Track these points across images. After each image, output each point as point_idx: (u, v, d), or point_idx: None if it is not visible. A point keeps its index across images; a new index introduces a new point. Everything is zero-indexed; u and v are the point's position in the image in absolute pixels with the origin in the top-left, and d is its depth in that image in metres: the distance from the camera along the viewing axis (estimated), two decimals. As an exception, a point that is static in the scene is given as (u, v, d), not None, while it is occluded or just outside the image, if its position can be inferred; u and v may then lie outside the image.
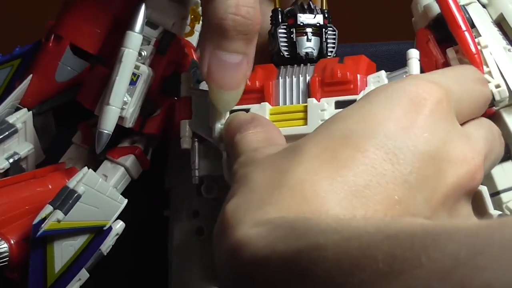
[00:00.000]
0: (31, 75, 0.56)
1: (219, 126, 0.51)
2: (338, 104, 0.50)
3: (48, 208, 0.50)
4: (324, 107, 0.50)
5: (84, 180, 0.51)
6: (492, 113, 0.51)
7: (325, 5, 0.54)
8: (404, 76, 0.50)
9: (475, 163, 0.44)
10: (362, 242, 0.34)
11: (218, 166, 0.51)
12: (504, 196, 0.51)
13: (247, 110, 0.51)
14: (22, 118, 0.55)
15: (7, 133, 0.54)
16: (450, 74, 0.48)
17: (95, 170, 0.53)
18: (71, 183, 0.51)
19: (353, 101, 0.49)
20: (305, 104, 0.50)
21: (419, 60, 0.51)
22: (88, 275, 0.52)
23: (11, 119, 0.55)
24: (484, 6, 0.53)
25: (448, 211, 0.43)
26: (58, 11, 0.56)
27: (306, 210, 0.39)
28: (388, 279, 0.32)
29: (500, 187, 0.51)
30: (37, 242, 0.50)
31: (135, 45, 0.52)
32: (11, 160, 0.54)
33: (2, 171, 0.54)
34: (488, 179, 0.50)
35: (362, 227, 0.36)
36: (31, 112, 0.55)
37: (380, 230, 0.35)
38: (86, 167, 0.52)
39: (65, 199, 0.50)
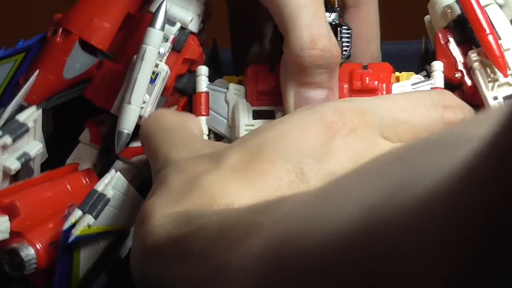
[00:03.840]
0: (37, 71, 0.53)
1: (243, 126, 0.51)
2: None
3: (78, 213, 0.48)
4: None
5: (112, 184, 0.49)
6: None
7: (337, 3, 0.53)
8: (430, 88, 0.51)
9: None
10: (232, 217, 0.38)
11: None
12: None
13: (271, 112, 0.51)
14: (32, 117, 0.52)
15: (19, 132, 0.51)
16: (397, 99, 0.48)
17: (104, 170, 0.52)
18: (99, 187, 0.49)
19: None
20: None
21: (443, 72, 0.51)
22: (106, 279, 0.51)
23: (21, 118, 0.52)
24: (500, 6, 0.53)
25: None
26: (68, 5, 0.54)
27: (209, 205, 0.42)
28: (241, 242, 0.35)
29: None
30: (66, 248, 0.48)
31: (156, 43, 0.51)
32: (22, 160, 0.52)
33: (13, 172, 0.52)
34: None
35: (239, 208, 0.40)
36: (40, 110, 0.53)
37: (249, 207, 0.38)
38: (113, 170, 0.50)
39: (95, 203, 0.49)
